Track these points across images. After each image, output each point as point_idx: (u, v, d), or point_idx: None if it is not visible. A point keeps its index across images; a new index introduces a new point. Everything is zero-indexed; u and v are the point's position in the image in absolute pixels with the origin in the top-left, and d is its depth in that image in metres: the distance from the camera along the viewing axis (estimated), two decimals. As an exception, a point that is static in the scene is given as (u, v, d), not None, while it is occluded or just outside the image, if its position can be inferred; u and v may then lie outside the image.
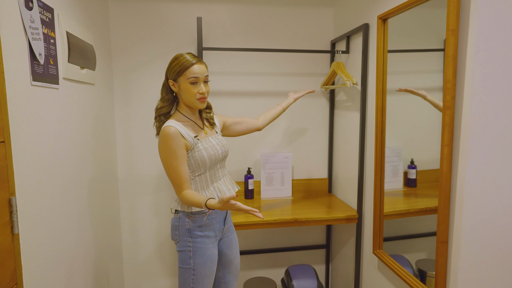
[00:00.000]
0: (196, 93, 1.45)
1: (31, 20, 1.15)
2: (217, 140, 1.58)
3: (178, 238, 1.51)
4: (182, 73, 1.44)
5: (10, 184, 1.02)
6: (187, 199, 1.42)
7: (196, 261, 1.48)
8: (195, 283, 1.49)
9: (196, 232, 1.49)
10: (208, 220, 1.51)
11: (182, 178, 1.43)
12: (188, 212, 1.49)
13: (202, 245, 1.49)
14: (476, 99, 1.17)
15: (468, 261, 1.24)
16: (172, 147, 1.41)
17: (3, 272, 0.98)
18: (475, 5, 1.13)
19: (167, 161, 1.43)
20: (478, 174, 1.20)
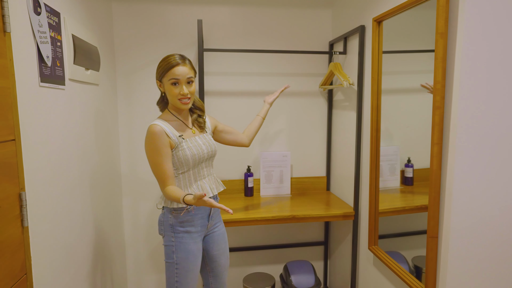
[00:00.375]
0: (177, 94, 1.49)
1: (39, 25, 1.22)
2: (204, 140, 1.61)
3: (164, 233, 1.58)
4: (164, 74, 1.49)
5: (20, 180, 1.08)
6: (169, 194, 1.46)
7: (179, 256, 1.54)
8: (179, 277, 1.55)
9: (178, 227, 1.54)
10: (189, 216, 1.55)
11: (165, 174, 1.48)
12: (171, 208, 1.54)
13: (184, 240, 1.54)
14: (464, 99, 1.22)
15: (456, 255, 1.29)
16: (156, 144, 1.46)
17: (14, 262, 1.05)
18: (463, 9, 1.18)
19: (152, 158, 1.49)
20: (466, 172, 1.25)
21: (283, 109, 2.45)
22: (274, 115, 2.44)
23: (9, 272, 1.02)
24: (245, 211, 2.06)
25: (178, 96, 1.50)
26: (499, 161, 1.26)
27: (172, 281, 1.56)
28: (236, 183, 2.42)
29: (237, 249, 2.50)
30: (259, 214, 2.00)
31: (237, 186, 2.43)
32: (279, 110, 2.44)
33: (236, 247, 2.50)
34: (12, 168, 1.04)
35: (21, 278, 1.08)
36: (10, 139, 1.04)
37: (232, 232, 2.50)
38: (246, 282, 2.26)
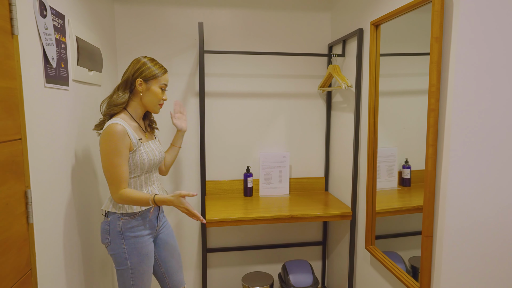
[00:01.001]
0: (161, 99, 1.57)
1: (45, 27, 1.25)
2: (155, 146, 1.63)
3: (110, 242, 1.51)
4: (156, 77, 1.53)
5: (26, 178, 1.12)
6: (128, 196, 1.42)
7: (133, 260, 1.51)
8: (135, 280, 1.53)
9: (128, 233, 1.50)
10: (139, 220, 1.53)
11: (122, 177, 1.43)
12: (119, 213, 1.50)
13: (137, 245, 1.52)
14: (458, 102, 1.25)
15: (451, 254, 1.33)
16: (117, 144, 1.41)
17: (20, 258, 1.08)
18: (457, 14, 1.22)
19: (109, 157, 1.41)
20: (460, 172, 1.29)
21: (282, 110, 2.48)
22: (274, 116, 2.48)
23: (15, 267, 1.05)
24: (244, 210, 2.09)
25: (161, 101, 1.58)
26: (492, 162, 1.29)
27: (128, 285, 1.53)
28: (236, 183, 2.46)
29: (236, 248, 2.53)
30: (259, 213, 2.03)
31: (236, 186, 2.46)
32: (279, 111, 2.48)
33: (235, 247, 2.53)
34: (19, 166, 1.07)
35: (26, 273, 1.11)
36: (17, 138, 1.07)
37: (231, 231, 2.53)
38: (245, 281, 2.29)
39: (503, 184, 1.31)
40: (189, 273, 2.52)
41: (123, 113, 1.53)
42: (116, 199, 1.45)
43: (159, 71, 1.54)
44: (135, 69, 1.52)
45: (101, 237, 1.55)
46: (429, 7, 1.34)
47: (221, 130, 2.43)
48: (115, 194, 1.45)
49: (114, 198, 1.45)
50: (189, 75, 2.35)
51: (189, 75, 2.35)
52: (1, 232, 0.98)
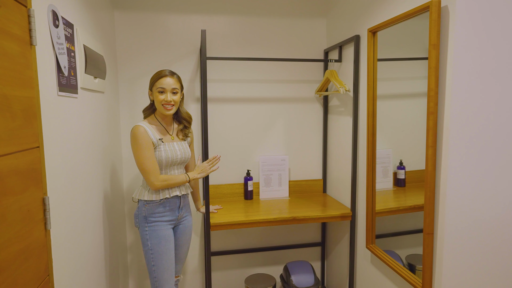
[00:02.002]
0: (162, 100, 1.77)
1: (57, 37, 1.27)
2: (180, 146, 1.86)
3: (138, 225, 1.82)
4: (154, 84, 1.79)
5: (43, 185, 1.13)
6: (167, 179, 1.76)
7: (152, 242, 1.78)
8: (155, 260, 1.78)
9: (151, 218, 1.79)
10: (161, 208, 1.79)
11: (156, 166, 1.74)
12: (144, 201, 1.78)
13: (156, 228, 1.79)
14: (455, 105, 1.33)
15: (451, 250, 1.39)
16: (143, 141, 1.70)
17: (39, 264, 1.10)
18: (453, 23, 1.29)
19: (140, 152, 1.71)
20: (458, 172, 1.36)
21: (281, 115, 2.53)
22: (272, 120, 2.53)
23: (36, 273, 1.07)
24: (246, 214, 2.13)
25: (162, 102, 1.78)
26: (489, 162, 1.37)
27: (150, 266, 1.79)
28: (236, 186, 2.49)
29: (238, 251, 2.56)
30: (261, 216, 2.07)
31: (237, 190, 2.50)
32: (277, 115, 2.53)
33: (237, 250, 2.57)
34: (38, 173, 1.09)
35: (45, 279, 1.13)
36: (35, 146, 1.09)
37: (232, 235, 2.57)
38: (248, 283, 2.32)
39: (501, 183, 1.39)
40: (193, 277, 2.54)
41: (150, 117, 1.85)
42: (158, 185, 1.73)
43: (154, 78, 1.80)
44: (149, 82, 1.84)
45: (134, 221, 1.89)
46: (425, 15, 1.41)
47: (221, 135, 2.47)
48: (156, 181, 1.73)
49: (156, 184, 1.73)
50: (189, 81, 2.38)
51: (189, 81, 2.38)
52: (23, 239, 1.00)
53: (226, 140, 2.48)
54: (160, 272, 1.79)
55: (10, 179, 0.94)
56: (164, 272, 1.79)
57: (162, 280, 1.79)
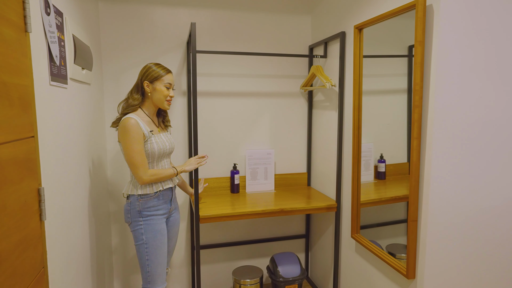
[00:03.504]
0: (167, 96, 1.80)
1: (49, 25, 1.24)
2: (166, 138, 1.88)
3: (131, 220, 1.78)
4: (159, 78, 1.78)
5: (38, 176, 1.11)
6: (156, 174, 1.74)
7: (148, 236, 1.76)
8: (149, 255, 1.76)
9: (145, 212, 1.77)
10: (155, 201, 1.79)
11: (145, 160, 1.72)
12: (137, 195, 1.76)
13: (151, 222, 1.77)
14: (439, 99, 1.40)
15: (434, 236, 1.48)
16: (134, 133, 1.68)
17: (35, 255, 1.08)
18: (438, 20, 1.37)
19: (130, 145, 1.67)
20: (441, 162, 1.44)
21: (266, 109, 2.57)
22: (258, 114, 2.56)
23: (33, 264, 1.05)
24: (233, 206, 2.15)
25: (167, 97, 1.80)
26: (470, 152, 1.46)
27: (143, 260, 1.77)
28: (223, 180, 2.51)
29: (225, 244, 2.58)
30: (248, 209, 2.10)
31: (223, 184, 2.51)
32: (263, 109, 2.56)
33: (223, 243, 2.59)
34: (33, 164, 1.07)
35: (40, 271, 1.11)
36: (30, 136, 1.07)
37: (219, 228, 2.58)
38: (236, 274, 2.35)
39: (481, 173, 1.48)
40: (180, 271, 2.54)
41: (137, 110, 1.80)
42: (146, 179, 1.71)
43: (162, 72, 1.79)
44: (142, 73, 1.79)
45: (124, 217, 1.81)
46: (409, 14, 1.49)
47: (207, 129, 2.47)
48: (144, 175, 1.70)
49: (144, 179, 1.70)
50: (175, 75, 2.37)
51: (175, 75, 2.37)
52: (21, 230, 0.98)
53: (212, 134, 2.49)
54: (154, 267, 1.77)
55: (9, 168, 0.92)
56: (158, 267, 1.78)
57: (156, 274, 1.78)
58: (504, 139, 1.50)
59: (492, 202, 1.52)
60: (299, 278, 2.30)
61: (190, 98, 2.37)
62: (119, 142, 1.73)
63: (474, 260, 1.53)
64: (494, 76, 1.45)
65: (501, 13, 1.43)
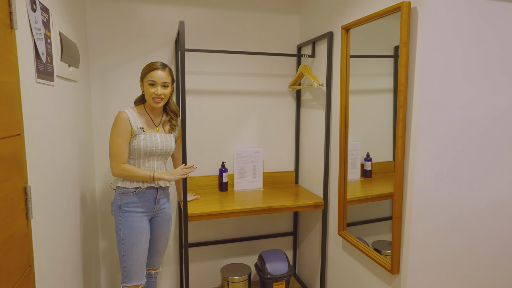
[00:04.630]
0: (152, 93, 1.78)
1: (35, 21, 1.23)
2: (163, 138, 1.87)
3: (114, 213, 1.82)
4: (145, 76, 1.79)
5: (24, 174, 1.10)
6: (128, 169, 1.74)
7: (124, 232, 1.78)
8: (125, 251, 1.78)
9: (124, 207, 1.79)
10: (134, 198, 1.79)
11: (121, 154, 1.74)
12: (119, 189, 1.79)
13: (129, 219, 1.78)
14: (423, 99, 1.44)
15: (417, 232, 1.52)
16: (120, 127, 1.73)
17: (21, 255, 1.07)
18: (422, 22, 1.40)
19: (112, 137, 1.74)
20: (425, 161, 1.48)
21: (255, 108, 2.58)
22: (247, 113, 2.57)
23: (19, 264, 1.04)
24: (222, 204, 2.16)
25: (152, 95, 1.78)
26: (454, 151, 1.51)
27: (120, 256, 1.80)
28: (211, 178, 2.51)
29: (213, 242, 2.59)
30: (237, 206, 2.11)
31: (212, 182, 2.52)
32: (251, 108, 2.58)
33: (211, 241, 2.60)
34: (19, 162, 1.06)
35: (27, 270, 1.10)
36: (16, 134, 1.06)
37: (207, 226, 2.59)
38: (224, 272, 2.36)
39: (464, 171, 1.53)
40: (167, 269, 2.54)
41: (138, 106, 1.87)
42: (116, 172, 1.74)
43: (146, 70, 1.80)
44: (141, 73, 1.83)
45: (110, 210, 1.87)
46: (396, 15, 1.52)
47: (196, 127, 2.47)
48: (115, 168, 1.74)
49: (114, 171, 1.74)
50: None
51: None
52: (7, 228, 0.98)
53: (201, 132, 2.49)
54: (129, 263, 1.79)
55: (-5, 166, 0.91)
56: (133, 264, 1.79)
57: (131, 271, 1.80)
58: (486, 138, 1.55)
59: (475, 200, 1.57)
60: (287, 275, 2.32)
61: (178, 96, 2.36)
62: None
63: (456, 256, 1.58)
64: (476, 76, 1.50)
65: (483, 16, 1.47)
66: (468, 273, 1.61)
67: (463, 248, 1.59)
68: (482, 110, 1.53)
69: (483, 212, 1.59)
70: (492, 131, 1.56)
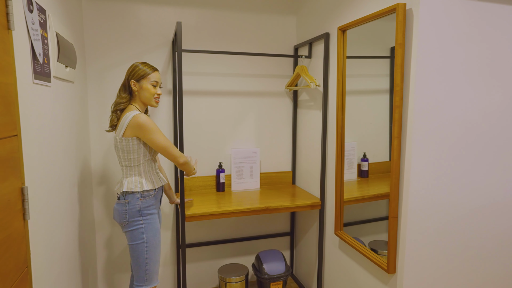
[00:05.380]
0: (155, 93, 1.79)
1: (32, 22, 1.23)
2: None
3: (128, 220, 1.75)
4: (146, 76, 1.77)
5: (21, 175, 1.10)
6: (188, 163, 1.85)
7: (149, 235, 1.76)
8: (149, 253, 1.77)
9: (145, 211, 1.77)
10: (154, 199, 1.81)
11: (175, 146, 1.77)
12: (139, 194, 1.74)
13: (151, 221, 1.78)
14: (419, 99, 1.45)
15: (413, 232, 1.53)
16: (154, 125, 1.71)
17: (19, 255, 1.07)
18: (417, 24, 1.42)
19: (157, 137, 1.72)
20: (421, 161, 1.49)
21: (252, 108, 2.59)
22: (244, 113, 2.58)
23: (16, 264, 1.04)
24: (219, 205, 2.17)
25: (155, 95, 1.80)
26: (449, 151, 1.52)
27: (142, 259, 1.76)
28: (208, 179, 2.52)
29: (210, 243, 2.60)
30: (234, 207, 2.12)
31: (209, 182, 2.52)
32: (248, 109, 2.58)
33: (209, 241, 2.60)
34: (16, 162, 1.06)
35: (24, 271, 1.10)
36: (13, 135, 1.06)
37: (204, 227, 2.59)
38: (221, 272, 2.37)
39: (459, 171, 1.54)
40: (165, 270, 2.54)
41: (131, 107, 1.77)
42: (183, 162, 1.81)
43: (149, 70, 1.77)
44: (129, 72, 1.78)
45: (118, 218, 1.76)
46: (391, 16, 1.53)
47: (193, 128, 2.48)
48: (182, 158, 1.80)
49: (181, 159, 1.80)
50: (161, 73, 2.36)
51: (161, 73, 2.36)
52: (4, 229, 0.98)
53: (198, 133, 2.49)
54: (152, 264, 1.79)
55: (-8, 167, 0.91)
56: (156, 264, 1.81)
57: (153, 272, 1.80)
58: (482, 139, 1.56)
59: (471, 199, 1.59)
60: (284, 275, 2.33)
61: (175, 97, 2.36)
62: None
63: (452, 255, 1.59)
64: (471, 77, 1.51)
65: (478, 17, 1.49)
66: (463, 272, 1.62)
67: (459, 247, 1.60)
68: (478, 111, 1.54)
69: (479, 211, 1.61)
70: (488, 132, 1.57)
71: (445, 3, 1.43)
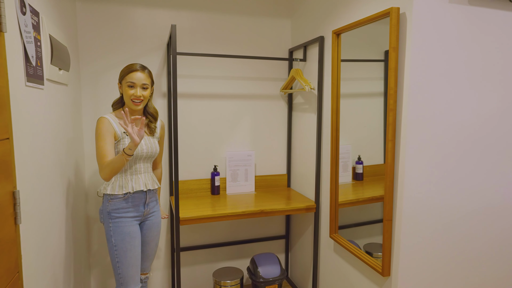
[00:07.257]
0: (131, 95, 1.74)
1: (25, 24, 1.22)
2: (147, 141, 1.84)
3: (102, 221, 1.80)
4: (123, 77, 1.76)
5: (13, 178, 1.09)
6: (108, 164, 1.65)
7: (116, 238, 1.75)
8: (119, 257, 1.76)
9: (114, 214, 1.76)
10: (124, 203, 1.77)
11: (106, 156, 1.67)
12: (107, 196, 1.76)
13: (120, 224, 1.76)
14: (412, 103, 1.46)
15: (408, 235, 1.53)
16: (101, 131, 1.69)
17: (9, 260, 1.05)
18: (411, 28, 1.43)
19: (96, 142, 1.70)
20: (415, 164, 1.50)
21: (247, 111, 2.59)
22: (239, 116, 2.57)
23: (6, 270, 1.03)
24: (214, 208, 2.16)
25: (131, 97, 1.75)
26: (443, 154, 1.53)
27: (114, 262, 1.78)
28: (203, 182, 2.51)
29: (205, 246, 2.58)
30: (229, 210, 2.11)
31: (204, 185, 2.51)
32: (243, 111, 2.58)
33: (203, 245, 2.58)
34: (8, 166, 1.05)
35: (15, 276, 1.09)
36: (5, 138, 1.05)
37: (199, 230, 2.58)
38: (216, 276, 2.35)
39: (453, 173, 1.55)
40: (159, 274, 2.52)
41: (118, 110, 1.83)
42: (103, 175, 1.67)
43: (125, 71, 1.77)
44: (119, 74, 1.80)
45: (99, 217, 1.82)
46: (385, 20, 1.54)
47: (188, 131, 2.47)
48: (101, 171, 1.67)
49: (101, 175, 1.67)
50: (155, 76, 2.35)
51: (155, 76, 2.35)
52: (-5, 233, 0.96)
53: (193, 136, 2.48)
54: (124, 269, 1.77)
55: (-17, 170, 0.90)
56: (129, 269, 1.78)
57: (127, 276, 1.78)
58: (475, 142, 1.58)
59: (465, 202, 1.59)
60: (279, 278, 2.32)
61: (170, 99, 2.36)
62: None
63: (447, 258, 1.60)
64: (465, 80, 1.53)
65: (470, 21, 1.50)
66: (458, 275, 1.63)
67: (453, 250, 1.61)
68: (471, 114, 1.56)
69: (474, 214, 1.62)
70: (482, 134, 1.58)
71: (438, 7, 1.45)
